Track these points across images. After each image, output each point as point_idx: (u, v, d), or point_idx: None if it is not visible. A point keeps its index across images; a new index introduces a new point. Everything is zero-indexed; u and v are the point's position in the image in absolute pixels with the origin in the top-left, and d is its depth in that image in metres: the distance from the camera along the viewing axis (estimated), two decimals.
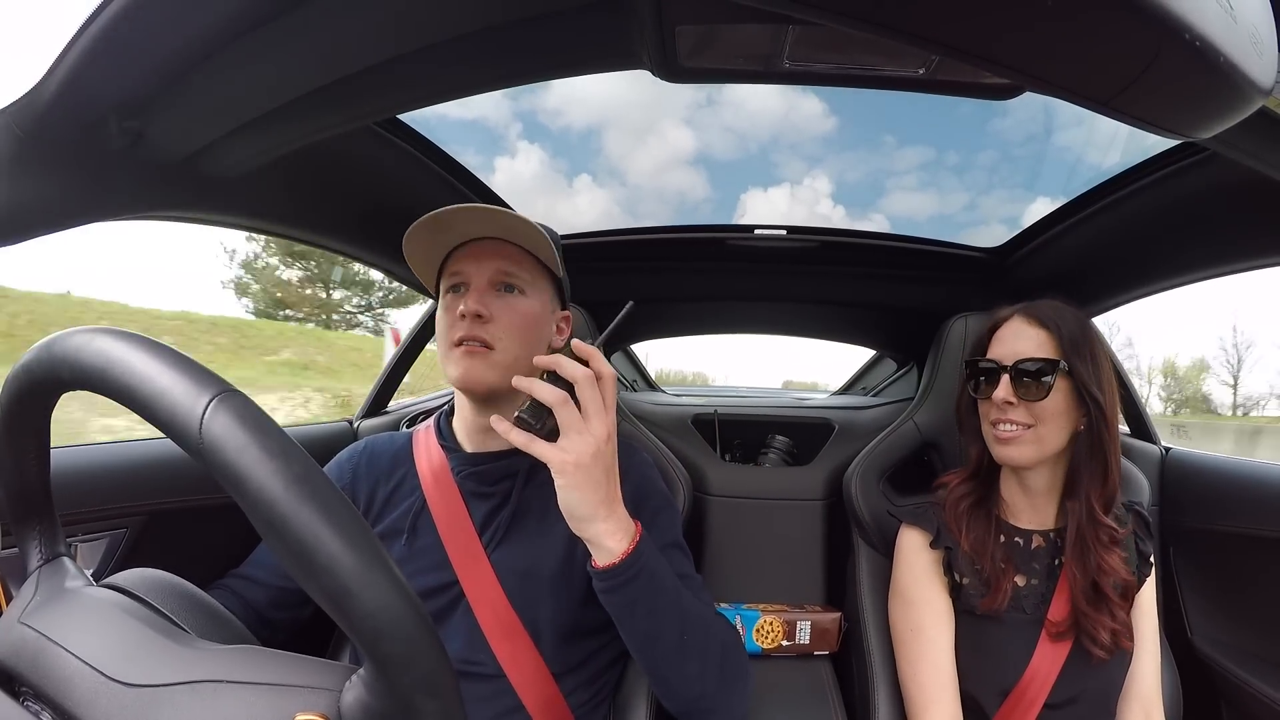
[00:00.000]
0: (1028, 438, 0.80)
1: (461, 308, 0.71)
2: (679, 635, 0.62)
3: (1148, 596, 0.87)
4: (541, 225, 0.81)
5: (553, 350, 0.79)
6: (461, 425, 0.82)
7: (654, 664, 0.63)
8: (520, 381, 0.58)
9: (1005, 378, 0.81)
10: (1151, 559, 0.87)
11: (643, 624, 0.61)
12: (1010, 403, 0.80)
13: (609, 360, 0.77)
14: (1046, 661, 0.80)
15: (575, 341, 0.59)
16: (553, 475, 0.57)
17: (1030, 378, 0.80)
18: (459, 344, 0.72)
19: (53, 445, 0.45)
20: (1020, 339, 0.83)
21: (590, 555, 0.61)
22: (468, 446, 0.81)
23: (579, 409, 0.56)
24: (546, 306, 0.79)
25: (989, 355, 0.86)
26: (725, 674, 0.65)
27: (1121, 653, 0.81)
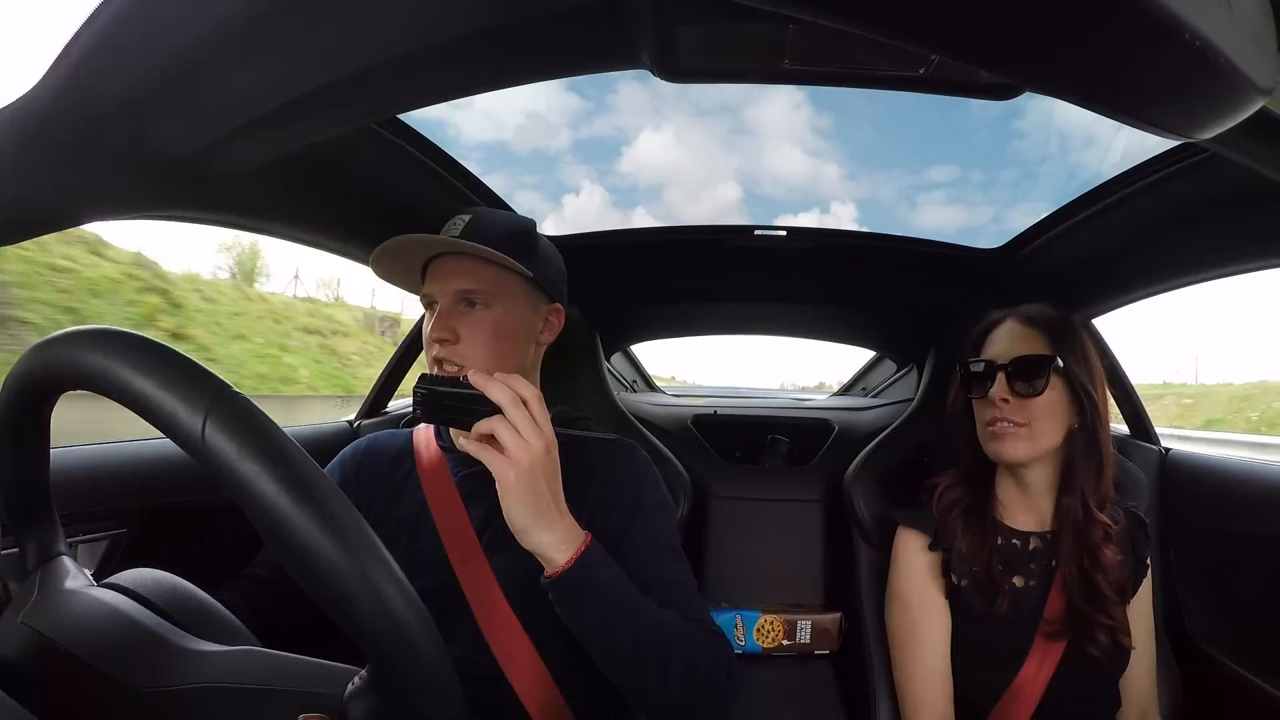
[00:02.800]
0: (1022, 434, 0.81)
1: (428, 331, 0.74)
2: (633, 647, 0.62)
3: (1144, 599, 0.87)
4: (519, 218, 0.81)
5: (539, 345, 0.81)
6: None
7: (613, 673, 0.64)
8: (475, 377, 0.59)
9: (1001, 376, 0.82)
10: (1148, 561, 0.87)
11: (594, 634, 0.62)
12: (1005, 400, 0.81)
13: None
14: (1041, 662, 0.81)
15: (496, 374, 0.59)
16: (496, 485, 0.58)
17: (1025, 374, 0.80)
18: (436, 363, 0.75)
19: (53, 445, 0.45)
20: (1014, 339, 0.83)
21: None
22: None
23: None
24: (520, 308, 0.78)
25: (982, 357, 0.86)
26: (690, 688, 0.64)
27: (1117, 653, 0.81)
